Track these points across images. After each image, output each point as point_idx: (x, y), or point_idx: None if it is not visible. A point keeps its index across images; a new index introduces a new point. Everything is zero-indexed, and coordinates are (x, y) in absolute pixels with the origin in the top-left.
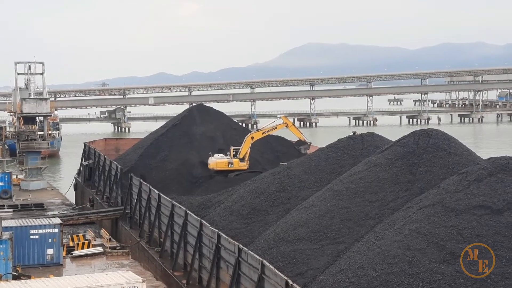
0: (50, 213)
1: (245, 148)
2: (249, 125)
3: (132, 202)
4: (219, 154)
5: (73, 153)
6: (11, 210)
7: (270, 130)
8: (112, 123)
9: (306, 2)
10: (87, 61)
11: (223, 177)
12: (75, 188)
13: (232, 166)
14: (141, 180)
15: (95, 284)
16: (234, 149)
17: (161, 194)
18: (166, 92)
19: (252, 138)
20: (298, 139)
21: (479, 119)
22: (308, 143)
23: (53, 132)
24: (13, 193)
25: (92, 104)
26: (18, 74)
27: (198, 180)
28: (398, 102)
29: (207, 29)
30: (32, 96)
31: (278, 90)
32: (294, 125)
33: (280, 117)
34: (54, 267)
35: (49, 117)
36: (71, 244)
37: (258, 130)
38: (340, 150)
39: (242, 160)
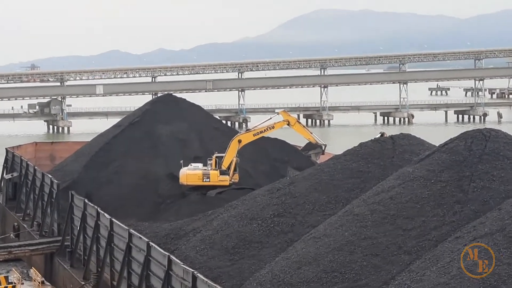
0: None
1: (229, 155)
2: (236, 123)
3: (73, 231)
4: (193, 164)
5: None
6: None
7: (264, 130)
8: (45, 120)
9: None
10: (12, 39)
11: (200, 196)
12: None
13: (208, 180)
14: (86, 200)
15: None
16: (217, 156)
17: (113, 219)
18: (121, 77)
19: (240, 141)
20: (308, 141)
21: None
22: (322, 146)
23: None
24: None
25: (17, 94)
26: None
27: (165, 200)
28: (443, 92)
29: None
30: None
31: (277, 75)
32: (300, 123)
33: (278, 113)
34: None
35: None
36: None
37: (248, 130)
38: (362, 158)
39: (224, 172)
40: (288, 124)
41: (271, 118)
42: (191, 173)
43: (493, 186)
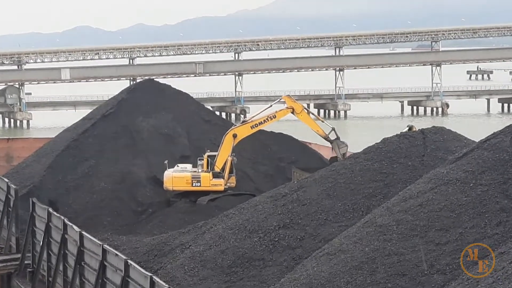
0: None
1: (223, 154)
2: (233, 115)
3: (35, 247)
4: (181, 165)
5: None
6: None
7: (264, 121)
8: None
9: None
10: None
11: (189, 204)
12: None
13: (198, 185)
14: (51, 210)
15: None
16: (209, 156)
17: (84, 232)
18: (91, 59)
19: (235, 136)
20: (333, 152)
21: None
22: (334, 134)
23: None
24: None
25: None
26: None
27: (147, 209)
28: (485, 76)
29: None
30: None
31: (282, 56)
32: (307, 110)
33: (281, 99)
34: None
35: None
36: None
37: (244, 122)
38: (386, 157)
39: (218, 174)
40: (292, 112)
41: (271, 106)
42: (178, 176)
43: None
